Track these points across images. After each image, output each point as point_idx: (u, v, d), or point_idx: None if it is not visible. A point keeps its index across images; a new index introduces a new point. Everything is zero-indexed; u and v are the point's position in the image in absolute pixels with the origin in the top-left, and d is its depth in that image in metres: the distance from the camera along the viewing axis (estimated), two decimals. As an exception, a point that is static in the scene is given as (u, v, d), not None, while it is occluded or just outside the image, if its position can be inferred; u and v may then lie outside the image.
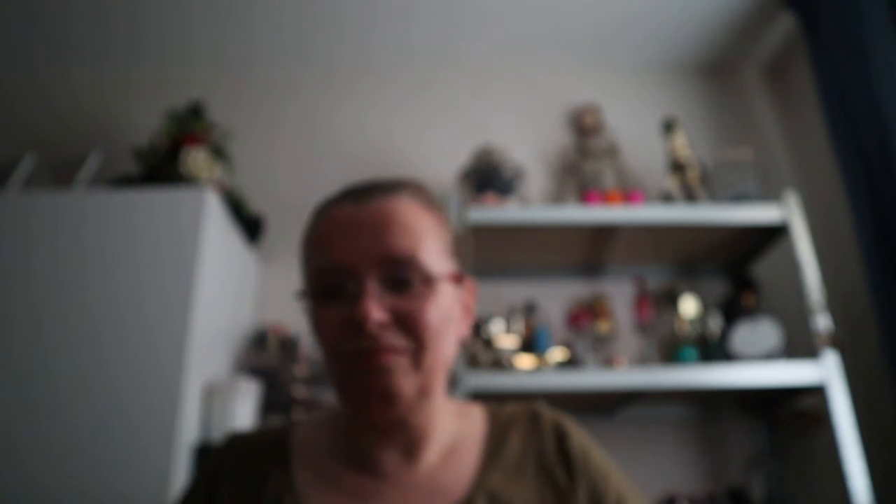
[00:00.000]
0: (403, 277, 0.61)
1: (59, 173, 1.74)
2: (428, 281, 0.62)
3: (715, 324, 1.77)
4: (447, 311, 0.63)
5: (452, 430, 0.70)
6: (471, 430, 0.71)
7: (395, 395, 0.60)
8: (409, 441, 0.66)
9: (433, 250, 0.64)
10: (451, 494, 0.65)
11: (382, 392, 0.60)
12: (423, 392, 0.63)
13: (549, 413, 0.73)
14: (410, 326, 0.61)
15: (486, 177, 1.85)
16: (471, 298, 0.70)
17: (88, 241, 1.49)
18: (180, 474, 1.32)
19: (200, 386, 1.44)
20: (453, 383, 1.48)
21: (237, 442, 0.72)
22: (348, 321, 0.60)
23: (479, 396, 1.43)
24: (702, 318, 1.81)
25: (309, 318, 0.66)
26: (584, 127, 2.10)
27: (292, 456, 0.69)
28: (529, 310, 1.85)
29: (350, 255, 0.62)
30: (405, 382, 0.60)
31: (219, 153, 1.76)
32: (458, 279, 0.67)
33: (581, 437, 0.71)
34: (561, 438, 0.69)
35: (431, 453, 0.67)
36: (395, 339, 0.60)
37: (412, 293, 0.61)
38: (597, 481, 0.67)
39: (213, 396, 1.46)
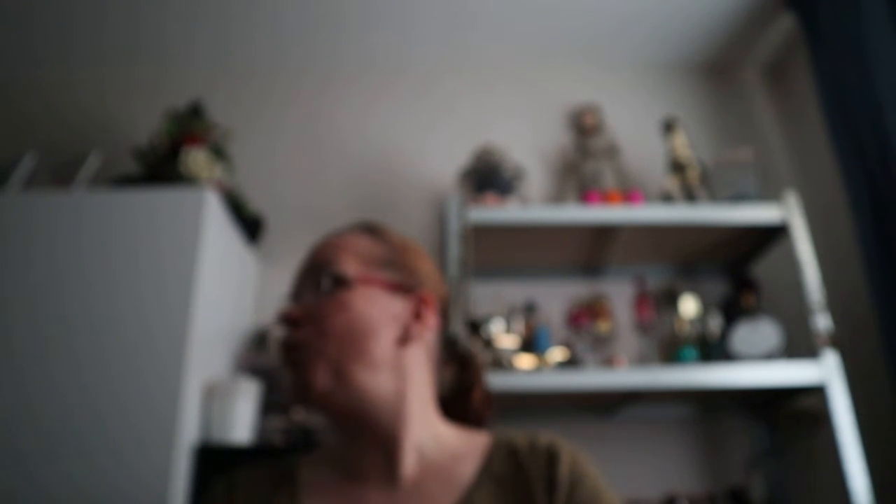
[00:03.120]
0: (319, 280, 0.73)
1: (59, 173, 1.74)
2: (340, 283, 0.72)
3: (715, 324, 1.77)
4: (362, 310, 0.71)
5: (446, 444, 0.74)
6: (469, 449, 0.74)
7: (308, 385, 0.69)
8: (384, 442, 0.71)
9: (352, 261, 0.74)
10: None
11: (300, 387, 0.69)
12: (341, 381, 0.69)
13: (546, 438, 0.74)
14: (316, 320, 0.70)
15: (487, 177, 1.85)
16: (426, 308, 0.75)
17: (88, 241, 1.49)
18: (180, 474, 1.32)
19: (200, 386, 1.44)
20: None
21: (245, 472, 0.76)
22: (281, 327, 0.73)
23: (479, 396, 1.43)
24: (702, 318, 1.81)
25: None
26: (584, 127, 2.10)
27: (299, 484, 0.73)
28: (529, 310, 1.85)
29: (295, 278, 0.78)
30: (315, 372, 0.69)
31: (219, 153, 1.75)
32: (396, 287, 0.74)
33: (574, 462, 0.70)
34: (551, 462, 0.70)
35: (409, 459, 0.71)
36: (303, 333, 0.71)
37: (324, 295, 0.72)
38: None
39: (213, 396, 1.46)
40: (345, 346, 0.69)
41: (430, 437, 0.73)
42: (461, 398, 0.82)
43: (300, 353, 0.70)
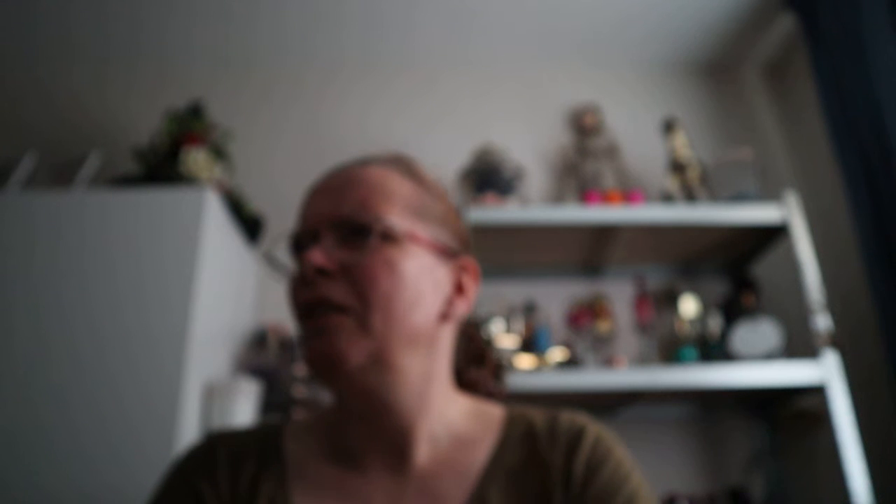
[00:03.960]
0: (358, 232, 0.59)
1: (59, 173, 1.74)
2: (386, 238, 0.59)
3: (715, 324, 1.77)
4: (410, 276, 0.59)
5: (459, 429, 0.64)
6: (482, 433, 0.65)
7: (339, 358, 0.56)
8: (395, 430, 0.61)
9: (399, 211, 0.61)
10: None
11: (326, 354, 0.56)
12: (378, 360, 0.58)
13: (568, 420, 0.65)
14: (356, 279, 0.57)
15: (487, 177, 1.85)
16: (469, 279, 0.66)
17: (89, 241, 1.49)
18: (180, 474, 1.32)
19: (200, 386, 1.44)
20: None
21: (222, 442, 0.67)
22: (297, 275, 0.59)
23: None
24: (702, 318, 1.81)
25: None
26: (584, 127, 2.10)
27: (285, 461, 0.64)
28: (529, 310, 1.85)
29: (311, 216, 0.63)
30: (350, 345, 0.56)
31: (219, 153, 1.76)
32: (442, 250, 0.63)
33: (599, 446, 0.63)
34: (571, 452, 0.62)
35: (422, 449, 0.62)
36: (336, 291, 0.57)
37: (366, 248, 0.58)
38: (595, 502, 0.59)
39: (213, 396, 1.46)
40: (388, 316, 0.57)
41: (445, 423, 0.64)
42: (470, 370, 0.74)
43: (330, 316, 0.57)
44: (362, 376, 0.58)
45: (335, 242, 0.60)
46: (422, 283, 0.60)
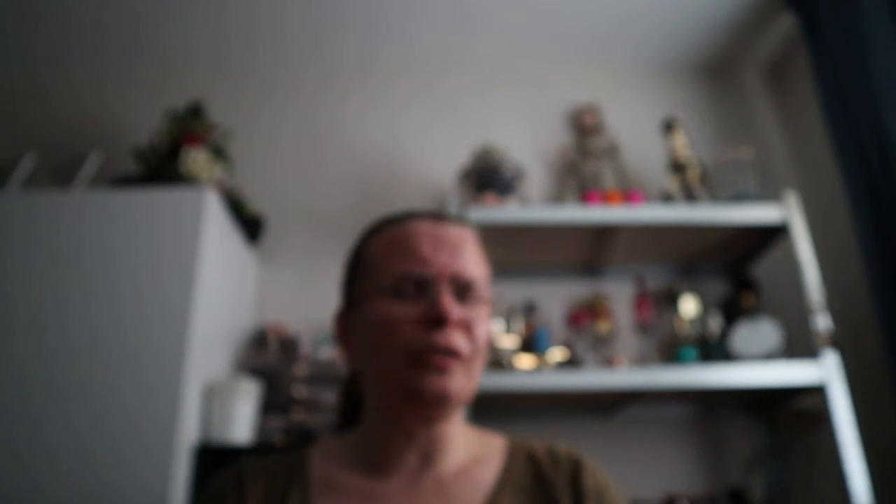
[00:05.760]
0: (468, 293, 0.70)
1: (59, 173, 1.74)
2: (482, 302, 0.71)
3: (715, 324, 1.77)
4: (488, 333, 0.71)
5: (470, 451, 0.73)
6: (489, 455, 0.73)
7: (449, 396, 0.66)
8: (431, 444, 0.70)
9: (484, 280, 0.73)
10: None
11: (440, 391, 0.65)
12: (466, 399, 0.68)
13: (565, 448, 0.74)
14: (471, 333, 0.68)
15: (487, 177, 1.85)
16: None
17: (88, 241, 1.49)
18: (180, 474, 1.32)
19: (200, 386, 1.44)
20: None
21: (250, 469, 0.72)
22: (424, 317, 0.66)
23: (479, 396, 1.43)
24: (702, 318, 1.81)
25: (358, 315, 0.71)
26: (584, 127, 2.10)
27: (309, 477, 0.70)
28: (529, 310, 1.85)
29: (432, 262, 0.69)
30: (457, 385, 0.66)
31: (219, 153, 1.76)
32: (490, 308, 0.74)
33: (598, 474, 0.71)
34: (576, 472, 0.70)
35: (447, 462, 0.70)
36: (461, 342, 0.67)
37: (473, 306, 0.70)
38: None
39: (213, 396, 1.46)
40: (479, 363, 0.70)
41: (463, 443, 0.73)
42: None
43: (451, 360, 0.66)
44: (454, 403, 0.67)
45: (451, 296, 0.69)
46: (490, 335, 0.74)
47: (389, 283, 0.69)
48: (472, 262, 0.72)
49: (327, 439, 0.77)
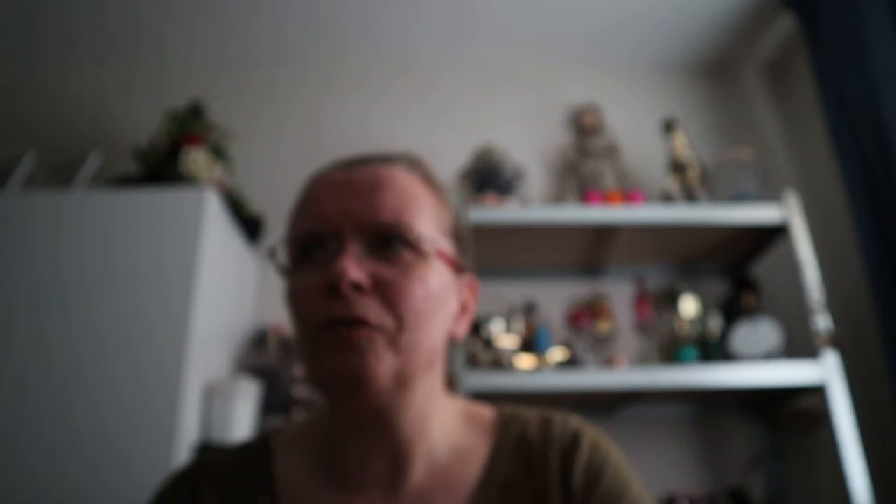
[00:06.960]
0: (390, 242, 0.55)
1: (59, 173, 1.74)
2: (417, 252, 0.56)
3: (715, 324, 1.77)
4: (436, 293, 0.56)
5: (453, 439, 0.62)
6: (476, 440, 0.63)
7: (367, 378, 0.52)
8: (395, 448, 0.59)
9: (427, 222, 0.58)
10: None
11: (353, 373, 0.52)
12: (401, 380, 0.55)
13: (561, 424, 0.63)
14: (391, 297, 0.54)
15: (487, 177, 1.85)
16: (470, 296, 0.64)
17: (88, 241, 1.49)
18: (180, 474, 1.32)
19: (200, 386, 1.44)
20: (451, 384, 1.48)
21: (214, 460, 0.65)
22: (323, 284, 0.53)
23: (479, 396, 1.43)
24: (702, 318, 1.81)
25: (286, 295, 0.59)
26: (584, 127, 2.10)
27: (275, 484, 0.61)
28: (529, 310, 1.85)
29: (333, 214, 0.56)
30: (379, 364, 0.53)
31: (219, 153, 1.76)
32: (456, 266, 0.60)
33: (592, 454, 0.61)
34: (566, 460, 0.60)
35: (420, 467, 0.60)
36: (372, 310, 0.53)
37: (398, 262, 0.55)
38: None
39: (213, 396, 1.46)
40: (416, 336, 0.55)
41: (443, 436, 0.62)
42: None
43: (361, 331, 0.53)
44: (384, 397, 0.55)
45: (362, 250, 0.55)
46: (442, 302, 0.58)
47: (293, 251, 0.58)
48: (398, 204, 0.56)
49: (291, 428, 0.68)
